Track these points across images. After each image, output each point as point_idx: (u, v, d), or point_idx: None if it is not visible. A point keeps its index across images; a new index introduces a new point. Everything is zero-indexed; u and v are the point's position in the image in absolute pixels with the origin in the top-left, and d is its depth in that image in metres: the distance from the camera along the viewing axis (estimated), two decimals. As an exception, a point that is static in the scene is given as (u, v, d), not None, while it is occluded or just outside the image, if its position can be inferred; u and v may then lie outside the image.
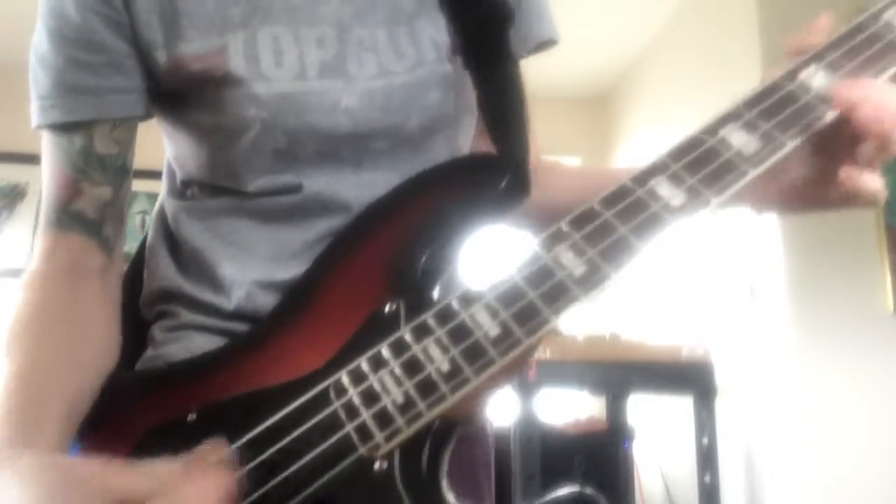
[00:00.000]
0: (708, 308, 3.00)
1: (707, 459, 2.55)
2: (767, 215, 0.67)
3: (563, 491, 2.31)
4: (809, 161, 0.61)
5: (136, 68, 0.70)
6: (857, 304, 2.52)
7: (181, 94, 0.71)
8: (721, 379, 2.60)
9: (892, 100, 0.54)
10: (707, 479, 2.53)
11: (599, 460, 2.77)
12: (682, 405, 2.74)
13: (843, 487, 2.37)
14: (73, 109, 0.69)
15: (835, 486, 2.38)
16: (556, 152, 3.94)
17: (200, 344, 0.69)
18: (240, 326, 0.69)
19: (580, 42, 3.65)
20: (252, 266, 0.70)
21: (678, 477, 3.06)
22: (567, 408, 3.17)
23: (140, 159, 0.78)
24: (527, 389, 2.48)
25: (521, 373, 0.66)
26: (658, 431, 3.22)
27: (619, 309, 3.64)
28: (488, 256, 0.64)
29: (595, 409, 3.29)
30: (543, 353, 2.53)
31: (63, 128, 0.70)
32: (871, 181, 0.57)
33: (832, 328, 2.49)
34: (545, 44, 0.83)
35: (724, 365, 2.64)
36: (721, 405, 2.60)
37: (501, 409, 2.62)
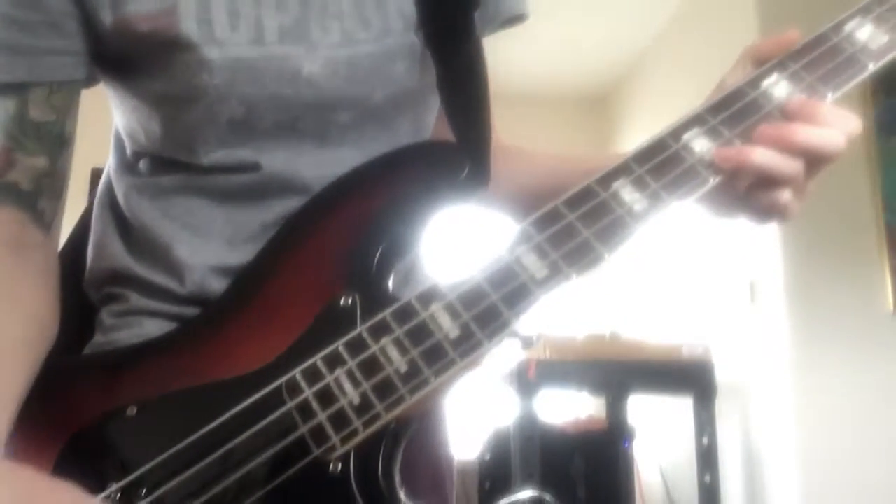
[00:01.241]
0: (708, 308, 3.00)
1: (707, 459, 2.55)
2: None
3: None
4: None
5: (77, 29, 0.65)
6: (857, 304, 2.52)
7: (129, 58, 0.66)
8: (721, 379, 2.60)
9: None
10: (707, 479, 2.53)
11: (599, 460, 2.77)
12: (682, 405, 2.74)
13: (843, 487, 2.37)
14: (7, 69, 0.64)
15: (834, 485, 2.38)
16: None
17: (152, 330, 0.65)
18: (194, 312, 0.65)
19: (580, 42, 3.65)
20: (207, 249, 0.66)
21: (678, 477, 3.06)
22: (567, 408, 3.17)
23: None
24: (527, 389, 2.48)
25: (475, 371, 0.64)
26: (658, 431, 3.22)
27: (619, 309, 3.64)
28: (452, 243, 0.63)
29: (595, 409, 3.29)
30: (543, 353, 2.53)
31: None
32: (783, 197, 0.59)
33: (832, 328, 2.48)
34: (515, 19, 0.79)
35: (724, 365, 2.64)
36: (721, 405, 2.60)
37: (501, 409, 2.62)
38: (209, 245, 0.67)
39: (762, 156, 0.57)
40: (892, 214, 2.55)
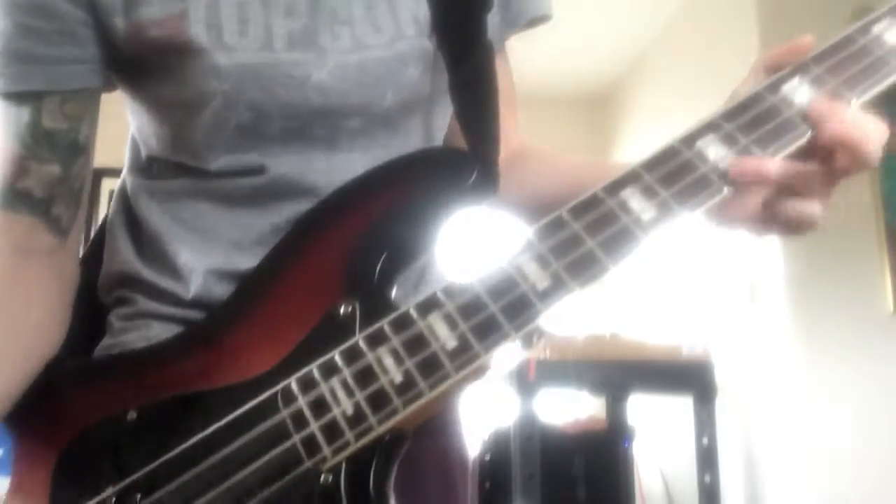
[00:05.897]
0: (708, 308, 3.00)
1: (707, 459, 2.55)
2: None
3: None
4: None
5: (91, 37, 0.65)
6: (857, 304, 2.52)
7: (141, 64, 0.67)
8: (721, 379, 2.60)
9: (862, 122, 0.53)
10: (707, 479, 2.53)
11: (599, 460, 2.77)
12: (682, 405, 2.74)
13: (843, 487, 2.37)
14: (21, 78, 0.65)
15: (834, 485, 2.38)
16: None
17: (159, 333, 0.66)
18: (199, 315, 0.65)
19: (580, 42, 3.64)
20: (213, 253, 0.66)
21: (678, 477, 3.06)
22: (567, 408, 3.17)
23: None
24: (527, 389, 2.47)
25: (475, 383, 0.57)
26: (658, 431, 3.22)
27: (619, 309, 3.64)
28: (459, 247, 0.62)
29: (595, 409, 3.28)
30: (543, 352, 2.53)
31: (11, 98, 0.66)
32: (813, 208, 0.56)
33: (832, 328, 2.48)
34: (538, 19, 0.78)
35: (724, 365, 2.64)
36: (721, 405, 2.60)
37: (501, 409, 2.62)
38: (216, 249, 0.67)
39: (781, 167, 0.54)
40: (892, 214, 2.55)
